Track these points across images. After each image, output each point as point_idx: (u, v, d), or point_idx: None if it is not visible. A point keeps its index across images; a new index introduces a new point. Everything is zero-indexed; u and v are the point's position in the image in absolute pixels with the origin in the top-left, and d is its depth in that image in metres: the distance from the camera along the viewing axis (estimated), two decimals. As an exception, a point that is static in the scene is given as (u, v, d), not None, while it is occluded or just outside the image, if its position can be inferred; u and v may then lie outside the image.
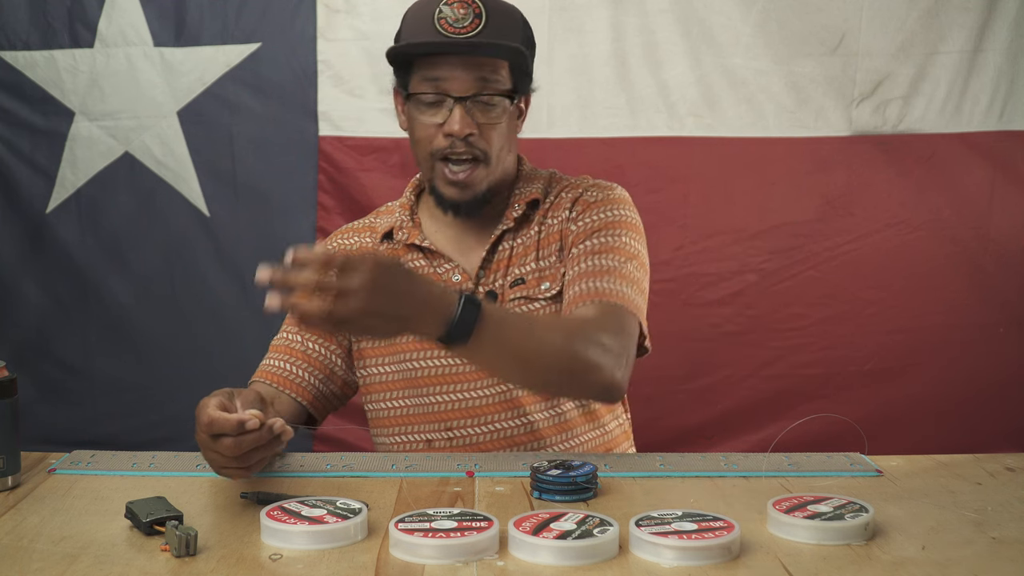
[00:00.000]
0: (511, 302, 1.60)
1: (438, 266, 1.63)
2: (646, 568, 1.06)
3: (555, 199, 1.66)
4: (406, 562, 1.08)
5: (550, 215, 1.65)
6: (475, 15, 1.52)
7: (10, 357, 1.38)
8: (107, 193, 2.92)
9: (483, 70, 1.53)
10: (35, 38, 2.87)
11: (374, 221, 1.73)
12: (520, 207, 1.63)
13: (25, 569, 1.07)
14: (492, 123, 1.55)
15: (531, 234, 1.64)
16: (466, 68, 1.52)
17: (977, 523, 1.21)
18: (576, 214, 1.62)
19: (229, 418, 1.19)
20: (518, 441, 1.59)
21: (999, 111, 2.85)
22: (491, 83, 1.54)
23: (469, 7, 1.52)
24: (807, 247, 2.90)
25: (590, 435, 1.65)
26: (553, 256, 1.62)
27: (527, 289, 1.60)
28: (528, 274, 1.61)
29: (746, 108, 2.86)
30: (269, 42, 2.86)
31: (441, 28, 1.51)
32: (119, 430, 2.87)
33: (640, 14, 2.84)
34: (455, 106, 1.52)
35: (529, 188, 1.66)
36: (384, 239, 1.68)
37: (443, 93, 1.53)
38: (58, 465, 1.42)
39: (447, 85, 1.53)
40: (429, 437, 1.62)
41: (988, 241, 2.90)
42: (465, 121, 1.52)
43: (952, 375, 2.89)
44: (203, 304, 2.95)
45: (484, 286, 1.61)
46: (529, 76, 1.62)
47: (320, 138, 2.89)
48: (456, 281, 1.62)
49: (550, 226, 1.64)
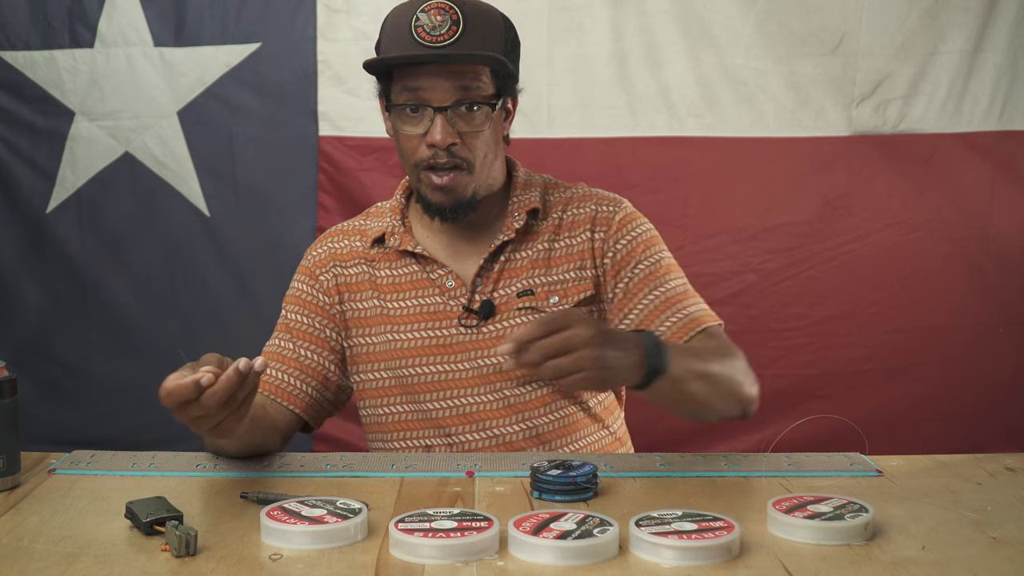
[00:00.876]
0: (517, 311, 1.59)
1: (431, 272, 1.61)
2: (646, 568, 1.07)
3: (563, 214, 1.64)
4: (406, 562, 1.08)
5: (565, 233, 1.63)
6: (452, 22, 1.49)
7: (10, 357, 1.38)
8: (107, 193, 2.92)
9: (463, 78, 1.50)
10: (35, 38, 2.87)
11: (364, 224, 1.70)
12: (521, 217, 1.62)
13: (25, 569, 1.07)
14: (475, 131, 1.52)
15: (538, 248, 1.62)
16: (446, 77, 1.49)
17: (977, 523, 1.21)
18: (605, 234, 1.62)
19: (183, 382, 1.16)
20: (519, 446, 1.59)
21: (999, 111, 2.85)
22: (472, 91, 1.51)
23: (447, 13, 1.49)
24: (807, 247, 2.90)
25: (595, 436, 1.65)
26: (573, 272, 1.61)
27: (535, 300, 1.60)
28: (538, 287, 1.60)
29: (746, 108, 2.86)
30: (269, 42, 2.87)
31: (418, 37, 1.48)
32: (119, 430, 2.87)
33: (640, 14, 2.84)
34: (436, 116, 1.50)
35: (527, 196, 1.64)
36: (375, 244, 1.66)
37: (423, 103, 1.51)
38: (58, 465, 1.42)
39: (427, 95, 1.50)
40: (428, 443, 1.61)
41: (988, 241, 2.90)
42: (446, 131, 1.50)
43: (952, 375, 2.90)
44: (203, 304, 2.95)
45: (480, 295, 1.60)
46: (514, 77, 1.58)
47: (320, 138, 2.89)
48: (450, 287, 1.60)
49: (569, 245, 1.62)
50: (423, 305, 1.61)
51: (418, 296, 1.61)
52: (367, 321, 1.63)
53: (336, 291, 1.65)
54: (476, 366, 1.59)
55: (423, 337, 1.60)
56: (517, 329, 1.43)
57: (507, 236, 1.60)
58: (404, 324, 1.61)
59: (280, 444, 1.55)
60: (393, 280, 1.63)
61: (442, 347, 1.60)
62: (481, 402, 1.59)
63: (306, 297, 1.66)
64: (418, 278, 1.62)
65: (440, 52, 1.48)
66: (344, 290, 1.65)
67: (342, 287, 1.65)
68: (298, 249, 2.86)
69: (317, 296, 1.66)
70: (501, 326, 1.59)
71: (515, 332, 1.26)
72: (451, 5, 1.49)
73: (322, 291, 1.66)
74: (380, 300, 1.63)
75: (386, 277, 1.64)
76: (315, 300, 1.66)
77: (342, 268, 1.66)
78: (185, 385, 1.16)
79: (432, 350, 1.60)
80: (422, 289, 1.61)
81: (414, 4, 1.51)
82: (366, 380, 1.64)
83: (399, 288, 1.62)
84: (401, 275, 1.63)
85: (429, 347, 1.60)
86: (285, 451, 1.51)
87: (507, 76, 1.56)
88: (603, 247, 1.62)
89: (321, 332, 1.64)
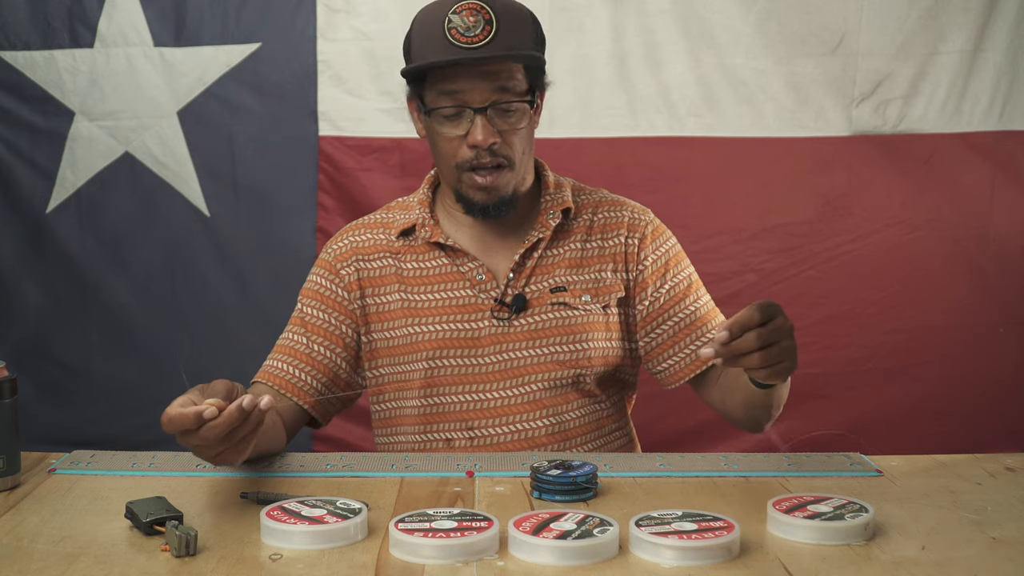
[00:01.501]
0: (551, 306, 1.61)
1: (461, 265, 1.62)
2: (646, 568, 1.07)
3: (595, 216, 1.67)
4: (406, 562, 1.08)
5: (597, 234, 1.66)
6: (485, 22, 1.49)
7: (10, 357, 1.38)
8: (107, 193, 2.92)
9: (500, 78, 1.51)
10: (35, 38, 2.86)
11: (387, 217, 1.70)
12: (556, 215, 1.64)
13: (25, 569, 1.07)
14: (513, 128, 1.55)
15: (572, 247, 1.64)
16: (482, 78, 1.51)
17: (977, 523, 1.21)
18: (640, 242, 1.66)
19: (185, 412, 1.15)
20: (543, 442, 1.59)
21: (999, 111, 2.85)
22: (509, 89, 1.52)
23: (478, 14, 1.49)
24: (807, 247, 2.90)
25: (616, 434, 1.67)
26: (606, 273, 1.64)
27: (568, 296, 1.62)
28: (571, 284, 1.62)
29: (746, 108, 2.86)
30: (269, 42, 2.86)
31: (453, 39, 1.49)
32: (119, 430, 2.87)
33: (640, 14, 2.84)
34: (476, 117, 1.51)
35: (560, 196, 1.66)
36: (401, 236, 1.66)
37: (462, 105, 1.52)
38: (58, 465, 1.42)
39: (465, 97, 1.51)
40: (449, 436, 1.61)
41: (988, 241, 2.90)
42: (488, 131, 1.51)
43: (952, 375, 2.89)
44: (203, 304, 2.95)
45: (513, 289, 1.61)
46: (543, 72, 1.61)
47: (320, 138, 2.89)
48: (480, 280, 1.61)
49: (602, 247, 1.65)
50: (452, 298, 1.61)
51: (447, 289, 1.62)
52: (391, 315, 1.63)
53: (357, 286, 1.65)
54: (503, 359, 1.60)
55: (451, 329, 1.60)
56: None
57: (542, 234, 1.62)
58: (431, 316, 1.61)
59: (286, 441, 1.55)
60: (421, 272, 1.63)
61: (470, 340, 1.60)
62: (507, 396, 1.60)
63: (324, 292, 1.66)
64: (447, 271, 1.62)
65: (478, 54, 1.48)
66: (366, 284, 1.65)
67: (364, 281, 1.65)
68: (298, 249, 2.92)
69: (336, 291, 1.65)
70: (533, 320, 1.60)
71: (732, 317, 1.26)
72: (482, 5, 1.50)
73: (342, 286, 1.65)
74: (406, 293, 1.63)
75: (413, 269, 1.64)
76: (333, 295, 1.65)
77: (365, 262, 1.66)
78: (186, 415, 1.15)
79: (460, 343, 1.60)
80: (451, 282, 1.62)
81: (443, 5, 1.51)
82: (386, 374, 1.64)
83: (427, 280, 1.63)
84: (429, 267, 1.63)
85: (457, 339, 1.60)
86: (285, 451, 1.51)
87: (538, 71, 1.58)
88: (636, 254, 1.65)
89: (336, 328, 1.64)
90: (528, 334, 1.60)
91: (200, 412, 1.14)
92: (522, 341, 1.60)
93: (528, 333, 1.60)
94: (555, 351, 1.60)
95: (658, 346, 1.65)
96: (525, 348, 1.60)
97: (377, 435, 1.71)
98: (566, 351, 1.60)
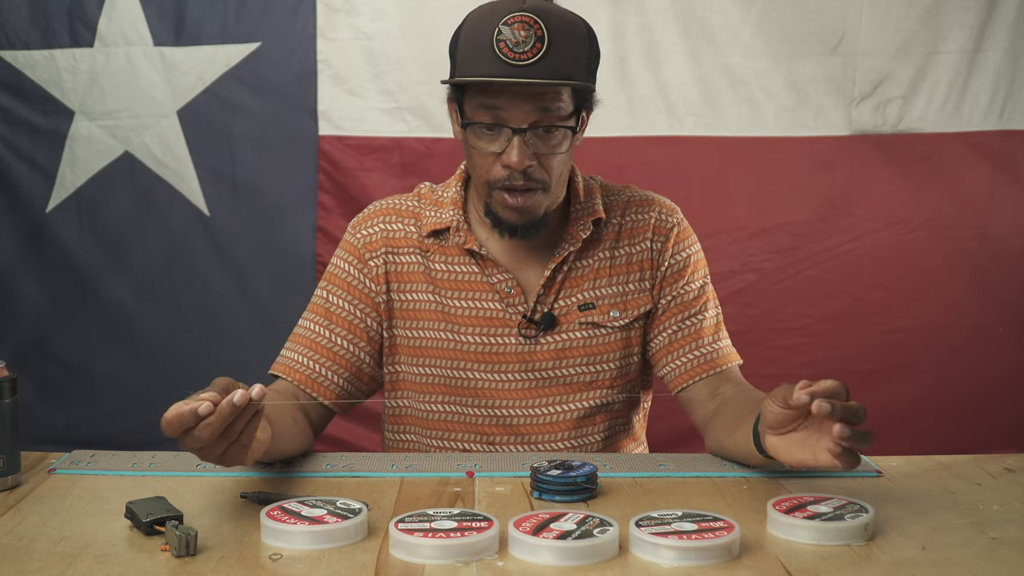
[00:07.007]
0: (579, 325, 1.57)
1: (491, 275, 1.57)
2: (646, 568, 1.07)
3: (623, 219, 1.62)
4: (406, 562, 1.08)
5: (625, 240, 1.61)
6: (537, 38, 1.40)
7: (10, 357, 1.38)
8: (107, 193, 2.92)
9: (544, 99, 1.43)
10: (35, 38, 2.87)
11: (418, 206, 1.62)
12: (587, 226, 1.58)
13: (25, 569, 1.07)
14: (552, 152, 1.47)
15: (600, 256, 1.59)
16: (526, 98, 1.42)
17: (977, 523, 1.21)
18: (663, 245, 1.61)
19: (181, 411, 1.12)
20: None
21: (999, 111, 2.85)
22: (552, 112, 1.44)
23: (531, 28, 1.40)
24: (807, 246, 2.90)
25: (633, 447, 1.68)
26: (633, 284, 1.60)
27: (596, 315, 1.58)
28: (599, 299, 1.58)
29: (746, 108, 2.86)
30: (269, 42, 2.87)
31: (501, 52, 1.40)
32: (119, 430, 2.87)
33: (640, 14, 2.84)
34: (513, 137, 1.43)
35: (590, 204, 1.60)
36: (431, 236, 1.59)
37: (501, 123, 1.44)
38: (58, 465, 1.41)
39: (505, 115, 1.44)
40: (466, 448, 1.59)
41: (988, 241, 2.90)
42: (523, 153, 1.44)
43: (952, 375, 2.90)
44: (203, 304, 2.95)
45: (542, 304, 1.57)
46: (593, 92, 1.52)
47: (320, 138, 2.89)
48: (509, 294, 1.56)
49: (629, 254, 1.61)
50: (481, 308, 1.57)
51: (476, 299, 1.57)
52: (421, 314, 1.59)
53: (384, 279, 1.59)
54: (528, 378, 1.57)
55: (480, 343, 1.57)
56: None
57: (573, 247, 1.57)
58: (463, 326, 1.57)
59: (312, 441, 1.51)
60: (450, 276, 1.58)
61: (497, 355, 1.57)
62: (529, 415, 1.58)
63: (352, 281, 1.60)
64: (477, 279, 1.57)
65: (523, 76, 1.40)
66: (393, 279, 1.60)
67: (391, 276, 1.60)
68: (298, 248, 2.92)
69: (364, 282, 1.60)
70: (560, 338, 1.57)
71: (825, 384, 1.16)
72: (536, 19, 1.41)
73: (370, 277, 1.60)
74: (438, 296, 1.58)
75: (442, 272, 1.58)
76: (361, 286, 1.60)
77: (395, 255, 1.60)
78: (182, 414, 1.11)
79: (487, 357, 1.57)
80: (480, 292, 1.57)
81: (497, 13, 1.43)
82: (408, 372, 1.60)
83: (457, 286, 1.58)
84: (458, 272, 1.58)
85: (484, 353, 1.57)
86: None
87: (587, 92, 1.50)
88: (659, 258, 1.61)
89: (362, 321, 1.59)
90: (554, 353, 1.57)
91: (195, 409, 1.12)
92: (548, 360, 1.57)
93: (554, 352, 1.57)
94: (580, 372, 1.58)
95: (658, 350, 1.63)
96: (551, 368, 1.57)
97: (387, 431, 1.68)
98: (591, 372, 1.58)
